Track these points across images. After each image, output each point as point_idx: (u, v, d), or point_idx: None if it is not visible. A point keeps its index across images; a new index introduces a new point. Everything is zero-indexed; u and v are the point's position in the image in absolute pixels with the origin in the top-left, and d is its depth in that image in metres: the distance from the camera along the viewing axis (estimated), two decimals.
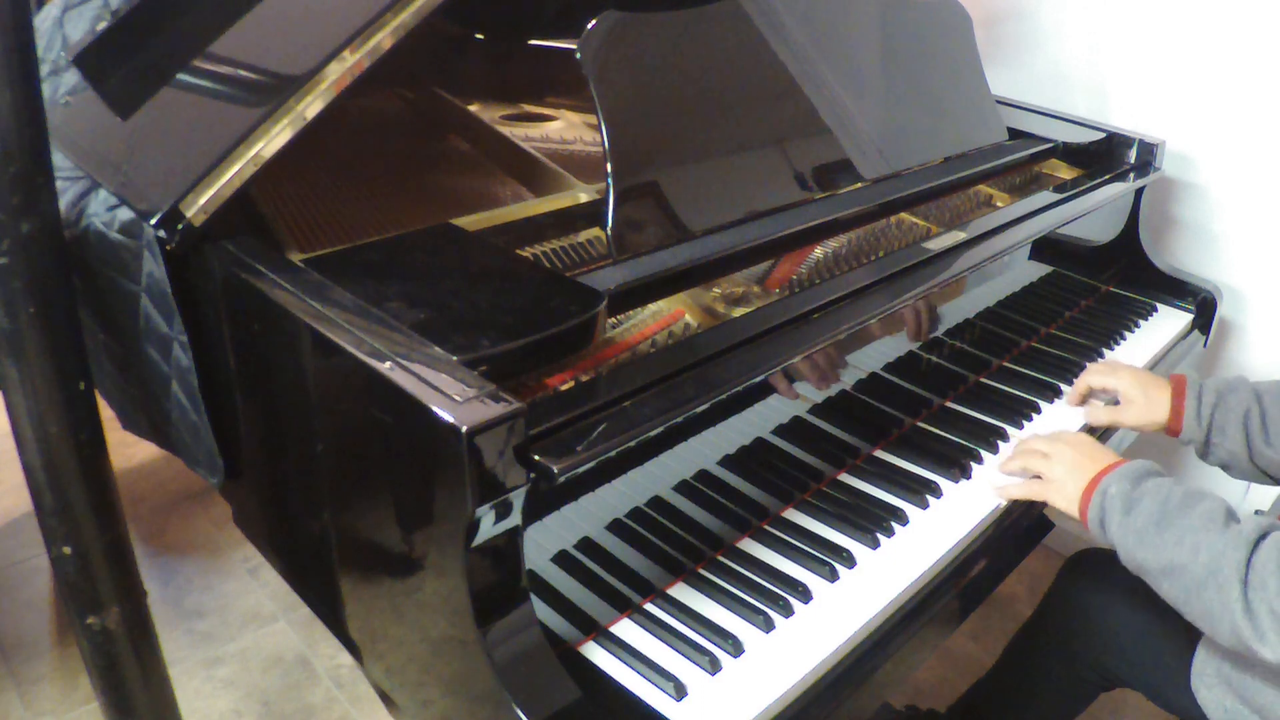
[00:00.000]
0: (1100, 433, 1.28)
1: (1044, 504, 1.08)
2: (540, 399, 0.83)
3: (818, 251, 1.21)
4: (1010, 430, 1.22)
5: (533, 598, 0.81)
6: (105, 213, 1.09)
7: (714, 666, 0.85)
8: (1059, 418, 1.27)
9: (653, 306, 1.04)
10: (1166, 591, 0.93)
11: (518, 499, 0.76)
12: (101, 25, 1.32)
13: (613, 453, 0.81)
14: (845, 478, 1.12)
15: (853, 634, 0.91)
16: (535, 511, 0.85)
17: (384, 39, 0.97)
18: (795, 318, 1.02)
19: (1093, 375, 1.27)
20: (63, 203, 1.10)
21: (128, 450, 2.32)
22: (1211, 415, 1.17)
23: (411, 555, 0.84)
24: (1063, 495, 1.03)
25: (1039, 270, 1.55)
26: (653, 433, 0.85)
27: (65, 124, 1.26)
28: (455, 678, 0.82)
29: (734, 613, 0.91)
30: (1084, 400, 1.29)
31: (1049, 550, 2.06)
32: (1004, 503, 1.11)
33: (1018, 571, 1.16)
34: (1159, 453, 1.93)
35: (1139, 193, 1.64)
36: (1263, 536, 0.88)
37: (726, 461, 1.03)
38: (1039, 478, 1.07)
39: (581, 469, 0.78)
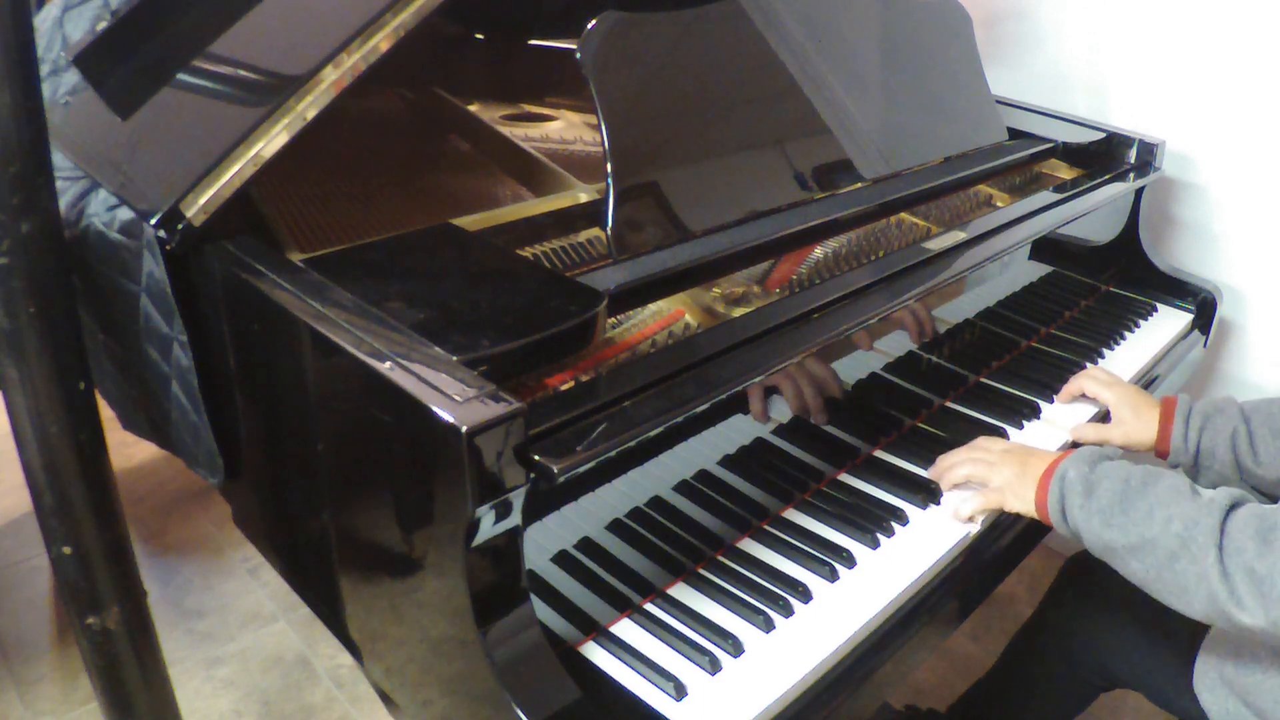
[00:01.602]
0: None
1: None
2: (540, 399, 0.83)
3: (818, 251, 1.21)
4: (1010, 430, 1.22)
5: (533, 598, 0.81)
6: (105, 213, 1.09)
7: (714, 666, 0.85)
8: (1059, 418, 1.27)
9: (653, 306, 1.04)
10: (1135, 571, 0.91)
11: (517, 499, 0.76)
12: (101, 25, 1.32)
13: (613, 453, 0.81)
14: (845, 478, 1.12)
15: (853, 634, 0.91)
16: (535, 511, 0.86)
17: (384, 39, 0.97)
18: (795, 318, 1.02)
19: (1088, 381, 1.26)
20: (63, 203, 1.10)
21: (128, 450, 2.32)
22: (1199, 439, 1.15)
23: (411, 555, 0.84)
24: (1017, 496, 1.01)
25: (1039, 270, 1.55)
26: (653, 433, 0.85)
27: (65, 124, 1.26)
28: (455, 678, 0.82)
29: (734, 613, 0.91)
30: (1072, 399, 1.28)
31: (1049, 550, 2.06)
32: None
33: (1018, 571, 1.16)
34: None
35: (1139, 193, 1.64)
36: (1235, 506, 0.87)
37: (726, 461, 1.03)
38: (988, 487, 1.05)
39: (581, 469, 0.78)
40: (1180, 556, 0.87)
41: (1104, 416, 1.26)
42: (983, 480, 1.05)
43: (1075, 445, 1.24)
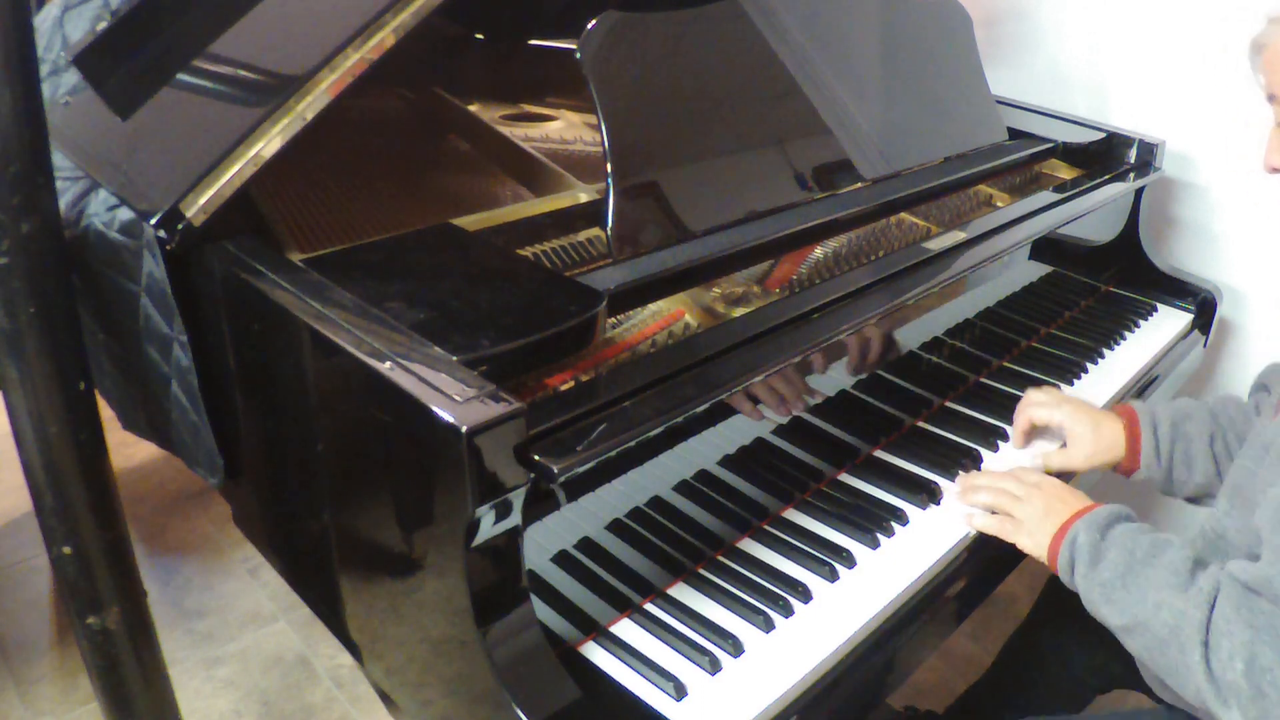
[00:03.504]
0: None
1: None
2: (540, 399, 0.83)
3: (818, 251, 1.21)
4: (1010, 430, 1.22)
5: (533, 598, 0.81)
6: (105, 213, 1.09)
7: (714, 666, 0.85)
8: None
9: (653, 306, 1.04)
10: (1131, 645, 0.89)
11: (517, 499, 0.76)
12: (101, 25, 1.32)
13: (613, 453, 0.81)
14: (845, 478, 1.12)
15: (853, 634, 0.91)
16: (535, 511, 0.85)
17: (384, 39, 0.97)
18: (795, 318, 1.02)
19: (1034, 409, 1.16)
20: (63, 203, 1.10)
21: (128, 450, 2.32)
22: (1171, 448, 1.09)
23: (411, 555, 0.84)
24: (1032, 540, 0.99)
25: (1039, 270, 1.55)
26: (653, 433, 0.85)
27: (65, 124, 1.26)
28: (455, 678, 0.82)
29: (734, 613, 0.91)
30: (1028, 439, 1.19)
31: None
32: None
33: (1018, 571, 1.15)
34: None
35: (1139, 193, 1.64)
36: (1220, 590, 0.83)
37: (726, 461, 1.03)
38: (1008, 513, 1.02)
39: (581, 469, 0.78)
40: (1170, 645, 0.84)
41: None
42: (1005, 511, 1.02)
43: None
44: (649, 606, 0.92)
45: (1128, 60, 1.78)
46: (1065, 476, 1.17)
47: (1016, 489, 1.03)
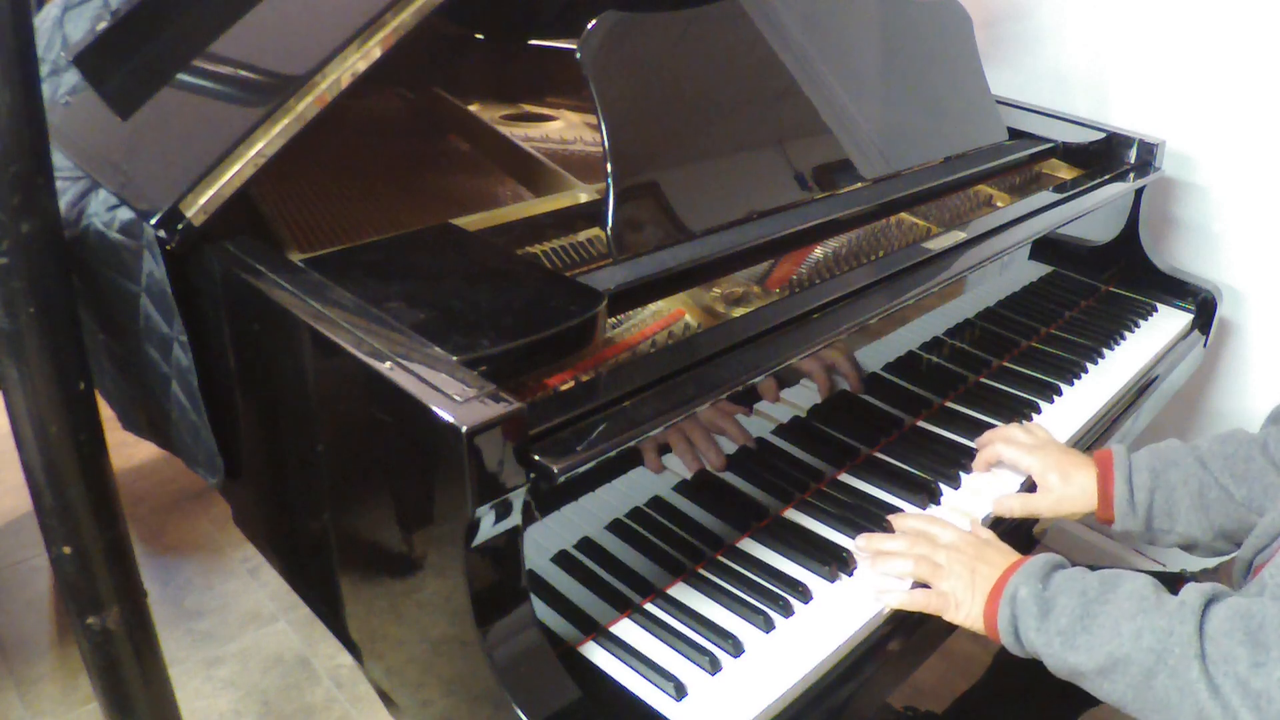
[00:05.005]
0: (1017, 522, 1.11)
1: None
2: (540, 399, 0.83)
3: (818, 251, 1.21)
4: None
5: (533, 598, 0.81)
6: (105, 213, 1.09)
7: (714, 666, 0.85)
8: (1057, 419, 1.27)
9: (653, 306, 1.04)
10: (1109, 692, 0.81)
11: (517, 499, 0.76)
12: (101, 25, 1.32)
13: (613, 453, 0.81)
14: (845, 478, 1.12)
15: (853, 634, 0.91)
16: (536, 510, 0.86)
17: (384, 39, 0.97)
18: (795, 318, 1.02)
19: (1005, 448, 1.11)
20: (63, 203, 1.10)
21: (128, 450, 2.32)
22: (1150, 500, 1.02)
23: (411, 555, 0.84)
24: (962, 610, 0.91)
25: (1039, 270, 1.55)
26: (653, 433, 0.85)
27: (65, 124, 1.26)
28: (455, 678, 0.82)
29: (734, 613, 0.91)
30: (990, 468, 1.13)
31: (1049, 550, 2.06)
32: (1000, 506, 1.09)
33: None
34: None
35: (1139, 193, 1.64)
36: (1209, 604, 0.78)
37: (726, 461, 1.03)
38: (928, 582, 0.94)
39: (581, 469, 0.78)
40: (1158, 672, 0.77)
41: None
42: (925, 581, 0.94)
43: (1000, 520, 1.10)
44: (649, 606, 0.92)
45: (1128, 60, 1.78)
46: (1030, 521, 1.13)
47: (934, 555, 0.94)
